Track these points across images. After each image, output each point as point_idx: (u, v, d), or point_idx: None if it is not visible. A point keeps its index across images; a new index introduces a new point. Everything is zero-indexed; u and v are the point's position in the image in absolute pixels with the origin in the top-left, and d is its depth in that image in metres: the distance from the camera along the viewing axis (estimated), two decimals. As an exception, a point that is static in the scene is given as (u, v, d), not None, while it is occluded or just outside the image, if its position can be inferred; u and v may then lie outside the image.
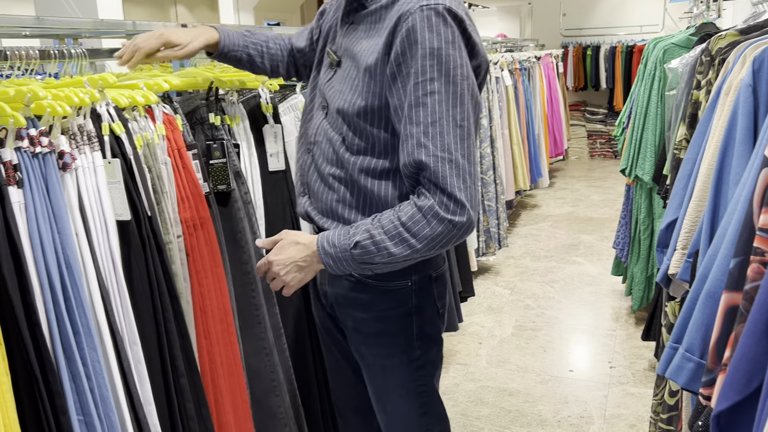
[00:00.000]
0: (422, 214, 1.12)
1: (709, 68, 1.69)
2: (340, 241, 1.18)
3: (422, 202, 1.12)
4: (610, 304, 3.58)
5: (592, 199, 6.01)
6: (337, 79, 1.28)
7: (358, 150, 1.23)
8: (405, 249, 1.13)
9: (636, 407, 2.56)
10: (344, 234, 1.19)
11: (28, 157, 1.09)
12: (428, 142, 1.10)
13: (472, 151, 1.14)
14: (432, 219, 1.11)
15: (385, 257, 1.15)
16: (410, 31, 1.10)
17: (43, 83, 1.35)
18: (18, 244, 1.04)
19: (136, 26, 2.10)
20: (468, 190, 1.12)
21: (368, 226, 1.17)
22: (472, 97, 1.13)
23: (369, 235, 1.15)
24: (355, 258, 1.17)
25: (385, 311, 1.32)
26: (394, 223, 1.14)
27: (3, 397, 0.99)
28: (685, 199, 1.32)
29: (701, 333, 0.93)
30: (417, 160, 1.11)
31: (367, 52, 1.20)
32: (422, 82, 1.10)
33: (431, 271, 1.33)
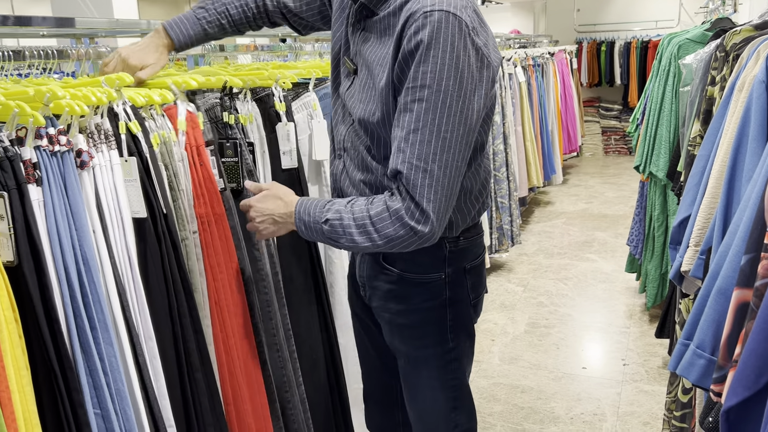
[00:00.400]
0: (389, 214, 1.15)
1: (724, 64, 1.68)
2: (314, 213, 1.24)
3: (392, 203, 1.15)
4: (623, 302, 3.57)
5: (607, 195, 5.98)
6: (356, 88, 1.28)
7: (383, 157, 1.25)
8: (366, 241, 1.18)
9: (649, 405, 2.55)
10: (320, 207, 1.24)
11: (47, 155, 1.11)
12: (407, 148, 1.11)
13: (455, 163, 1.13)
14: (396, 221, 1.14)
15: (348, 242, 1.20)
16: (411, 36, 1.10)
17: (61, 83, 1.37)
18: (38, 242, 1.06)
19: (151, 25, 2.13)
20: (438, 201, 1.12)
21: (341, 208, 1.21)
22: (463, 107, 1.10)
23: (339, 216, 1.20)
24: (324, 232, 1.22)
25: (419, 303, 1.34)
26: (363, 214, 1.18)
27: (23, 390, 1.01)
28: (698, 196, 1.32)
29: (712, 329, 0.93)
30: (393, 166, 1.14)
31: (379, 60, 1.21)
32: (413, 88, 1.10)
33: (466, 263, 1.34)
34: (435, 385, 1.39)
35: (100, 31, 1.88)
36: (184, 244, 1.44)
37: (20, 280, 1.04)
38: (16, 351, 1.00)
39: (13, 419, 0.97)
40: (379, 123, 1.21)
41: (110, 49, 1.65)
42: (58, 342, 1.08)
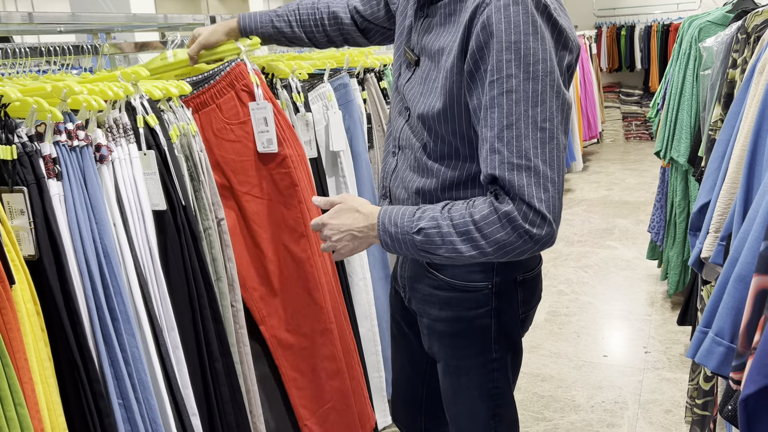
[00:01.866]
0: (497, 217, 1.02)
1: (745, 46, 1.65)
2: (403, 222, 1.11)
3: (500, 205, 1.02)
4: (645, 289, 3.54)
5: (628, 182, 5.91)
6: (416, 80, 1.19)
7: (440, 156, 1.15)
8: (472, 249, 1.05)
9: (672, 392, 2.53)
10: (409, 215, 1.11)
11: (66, 150, 1.13)
12: (503, 147, 1.00)
13: (557, 155, 1.01)
14: (507, 225, 1.01)
15: (449, 251, 1.07)
16: (486, 23, 0.99)
17: (78, 78, 1.39)
18: (57, 235, 1.08)
19: (168, 20, 2.14)
20: (550, 200, 1.00)
21: (436, 215, 1.08)
22: (557, 94, 1.00)
23: (436, 224, 1.07)
24: (416, 243, 1.09)
25: (463, 311, 1.24)
26: (465, 219, 1.05)
27: (47, 381, 1.03)
28: (718, 182, 1.30)
29: (731, 317, 0.92)
30: (489, 171, 1.02)
31: (444, 49, 1.11)
32: (498, 80, 0.99)
33: (518, 274, 1.23)
34: (474, 394, 1.31)
35: (116, 26, 1.89)
36: (207, 234, 1.46)
37: (41, 273, 1.07)
38: (38, 344, 1.02)
39: (37, 410, 1.00)
40: (439, 116, 1.10)
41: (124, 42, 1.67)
42: (79, 334, 1.10)
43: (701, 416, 1.71)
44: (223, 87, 1.57)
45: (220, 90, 1.58)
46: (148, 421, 1.23)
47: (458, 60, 1.06)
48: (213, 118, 1.60)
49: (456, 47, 1.06)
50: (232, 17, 1.67)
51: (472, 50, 1.02)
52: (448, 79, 1.08)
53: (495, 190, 1.04)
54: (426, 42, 1.17)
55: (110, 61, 1.76)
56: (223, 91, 1.58)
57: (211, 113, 1.59)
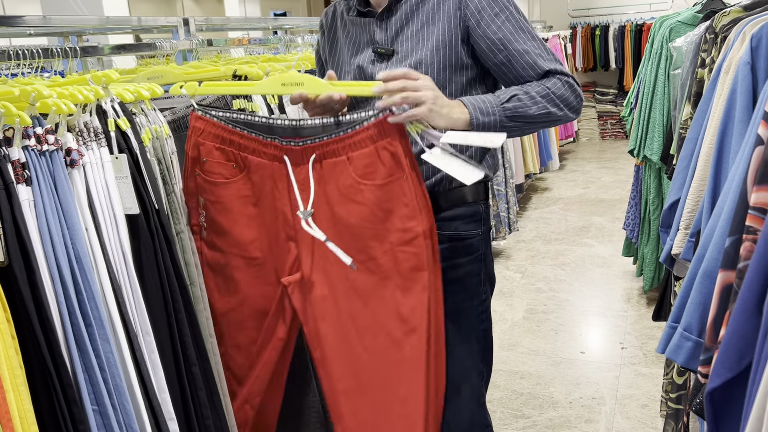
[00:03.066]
0: (561, 81, 1.37)
1: (713, 46, 1.68)
2: (489, 99, 1.33)
3: (559, 78, 1.37)
4: (621, 285, 3.58)
5: (603, 180, 5.98)
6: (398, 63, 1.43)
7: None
8: (554, 108, 1.35)
9: (648, 387, 2.57)
10: (491, 95, 1.35)
11: (35, 155, 1.12)
12: (542, 52, 1.39)
13: None
14: (572, 89, 1.37)
15: (541, 110, 1.34)
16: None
17: (48, 82, 1.37)
18: (27, 241, 1.07)
19: (142, 22, 2.12)
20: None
21: (517, 91, 1.35)
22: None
23: (523, 92, 1.34)
24: (506, 111, 1.32)
25: (460, 259, 1.49)
26: (544, 89, 1.35)
27: (18, 390, 1.02)
28: (687, 179, 1.33)
29: (699, 312, 0.94)
30: (543, 69, 1.37)
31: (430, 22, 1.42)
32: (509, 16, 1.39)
33: (488, 224, 1.56)
34: (471, 336, 1.54)
35: (89, 29, 1.88)
36: (179, 238, 1.44)
37: (11, 280, 1.05)
38: (9, 351, 1.01)
39: (9, 419, 0.98)
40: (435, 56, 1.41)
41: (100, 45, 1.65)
42: (52, 340, 1.09)
43: (675, 410, 1.74)
44: (362, 139, 1.32)
45: (357, 142, 1.33)
46: (125, 427, 1.22)
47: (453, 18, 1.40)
48: (340, 172, 1.35)
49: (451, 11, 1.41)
50: (207, 19, 1.66)
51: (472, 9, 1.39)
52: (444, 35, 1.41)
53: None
54: (398, 33, 1.45)
55: (82, 65, 1.74)
56: (360, 144, 1.33)
57: (338, 166, 1.35)
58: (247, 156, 1.39)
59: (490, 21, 1.38)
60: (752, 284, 0.67)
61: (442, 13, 1.43)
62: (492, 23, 1.38)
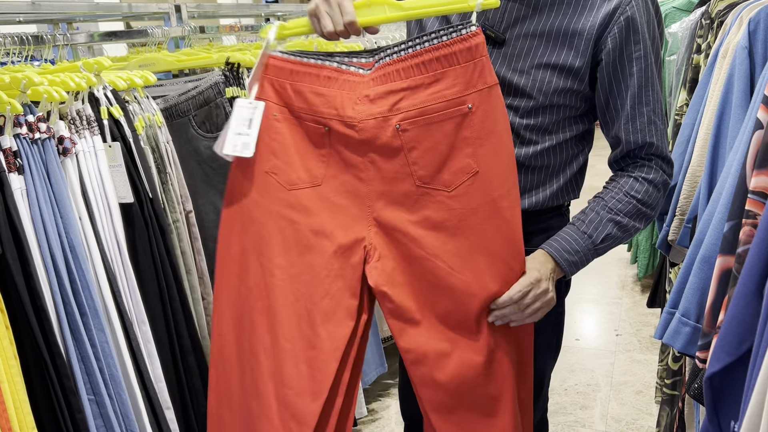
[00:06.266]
0: (655, 188, 1.18)
1: (709, 31, 1.67)
2: (582, 246, 1.20)
3: (650, 175, 1.19)
4: (615, 273, 3.59)
5: (597, 168, 5.95)
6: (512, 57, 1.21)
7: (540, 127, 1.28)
8: (645, 221, 1.21)
9: (642, 374, 2.58)
10: (580, 237, 1.20)
11: (27, 143, 1.10)
12: (657, 119, 1.19)
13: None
14: (662, 189, 1.20)
15: (631, 235, 1.22)
16: (630, 20, 1.15)
17: (39, 69, 1.35)
18: (20, 230, 1.06)
19: (132, 9, 2.10)
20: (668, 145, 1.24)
21: (603, 216, 1.21)
22: (657, 69, 1.23)
23: (614, 223, 1.20)
24: (599, 251, 1.22)
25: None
26: (631, 204, 1.19)
27: (13, 380, 1.01)
28: (683, 165, 1.32)
29: (697, 297, 0.94)
30: (647, 139, 1.19)
31: (563, 32, 1.19)
32: (645, 68, 1.17)
33: None
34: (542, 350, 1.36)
35: (78, 16, 1.85)
36: (176, 226, 1.43)
37: (5, 269, 1.04)
38: (3, 341, 1.00)
39: (4, 409, 0.98)
40: (567, 94, 1.23)
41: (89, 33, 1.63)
42: (47, 330, 1.08)
43: (670, 396, 1.74)
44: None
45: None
46: (121, 416, 1.21)
47: (592, 46, 1.17)
48: None
49: (592, 33, 1.16)
50: (198, 6, 1.64)
51: (614, 41, 1.15)
52: (581, 61, 1.18)
53: (633, 161, 1.22)
54: (516, 22, 1.21)
55: (72, 52, 1.72)
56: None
57: None
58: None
59: (625, 62, 1.17)
60: (752, 268, 0.67)
61: (581, 25, 1.18)
62: (621, 65, 1.18)
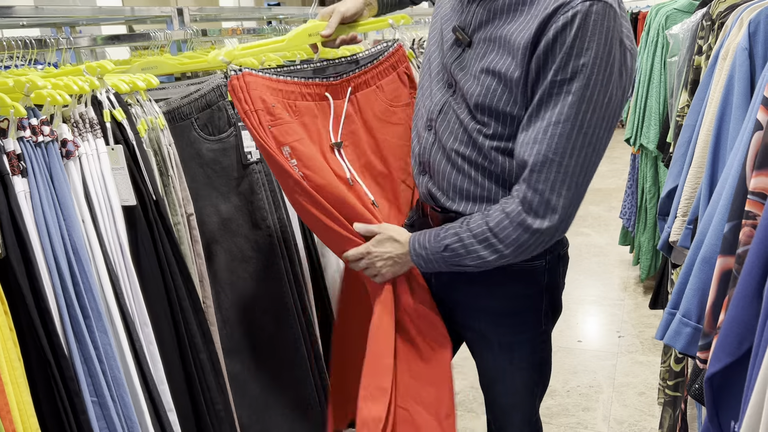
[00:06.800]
0: (510, 221, 1.11)
1: (710, 33, 1.68)
2: (431, 244, 1.22)
3: (509, 207, 1.11)
4: (618, 274, 3.59)
5: (600, 169, 5.90)
6: (469, 60, 1.19)
7: (493, 135, 1.16)
8: (493, 254, 1.15)
9: (645, 375, 2.58)
10: (434, 237, 1.22)
11: (30, 146, 1.11)
12: (544, 140, 1.05)
13: (592, 160, 1.08)
14: (519, 226, 1.10)
15: (474, 260, 1.17)
16: (566, 24, 1.01)
17: (42, 73, 1.36)
18: (24, 233, 1.06)
19: (135, 12, 2.11)
20: (569, 198, 1.08)
21: (457, 230, 1.18)
22: (611, 103, 1.05)
23: (458, 238, 1.17)
24: (445, 260, 1.21)
25: (517, 290, 1.31)
26: (483, 228, 1.15)
27: (16, 382, 1.02)
28: (684, 166, 1.33)
29: (697, 298, 0.94)
30: (524, 158, 1.08)
31: (509, 38, 1.10)
32: (560, 81, 1.03)
33: (560, 250, 1.32)
34: (524, 365, 1.38)
35: (81, 20, 1.86)
36: (177, 229, 1.44)
37: (8, 271, 1.05)
38: (7, 343, 1.01)
39: (8, 411, 0.98)
40: (506, 103, 1.12)
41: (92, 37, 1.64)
42: (51, 332, 1.09)
43: (673, 397, 1.74)
44: (386, 68, 1.50)
45: (382, 71, 1.50)
46: (123, 419, 1.22)
47: (529, 52, 1.06)
48: (374, 99, 1.50)
49: (528, 38, 1.06)
50: (200, 9, 1.65)
51: (544, 48, 1.04)
52: (515, 73, 1.09)
53: (516, 189, 1.11)
54: (481, 25, 1.17)
55: (75, 56, 1.73)
56: (385, 73, 1.51)
57: (371, 94, 1.50)
58: (295, 102, 1.45)
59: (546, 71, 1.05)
60: (752, 269, 0.67)
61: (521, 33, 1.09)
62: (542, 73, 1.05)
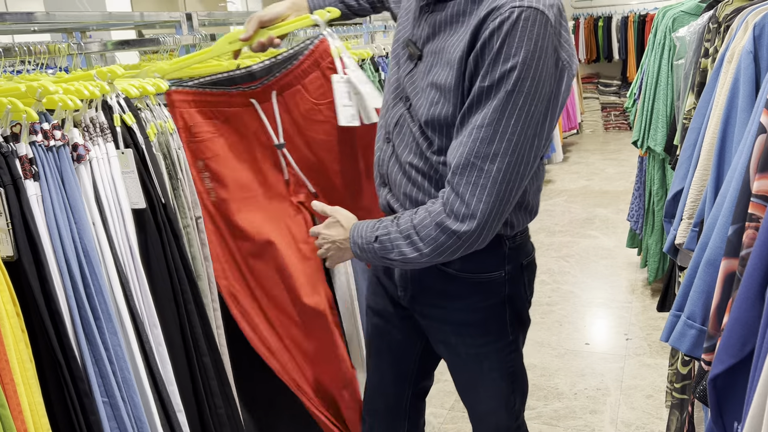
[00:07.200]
0: (431, 219, 1.10)
1: (716, 36, 1.68)
2: (366, 234, 1.20)
3: (433, 207, 1.10)
4: (625, 277, 3.58)
5: (607, 172, 5.97)
6: (419, 74, 1.20)
7: (439, 149, 1.17)
8: (414, 251, 1.12)
9: (652, 378, 2.58)
10: (370, 228, 1.20)
11: (42, 150, 1.13)
12: (468, 143, 1.05)
13: (516, 168, 1.05)
14: (437, 227, 1.09)
15: (398, 256, 1.15)
16: (494, 31, 1.02)
17: (53, 78, 1.38)
18: (36, 236, 1.08)
19: (144, 17, 2.13)
20: (488, 204, 1.05)
21: (388, 223, 1.17)
22: (539, 112, 1.04)
23: (387, 232, 1.16)
24: (376, 252, 1.18)
25: (477, 302, 1.29)
26: (408, 225, 1.13)
27: (28, 382, 1.03)
28: (690, 169, 1.33)
29: (702, 300, 0.95)
30: (449, 160, 1.09)
31: (449, 50, 1.11)
32: (488, 87, 1.03)
33: (522, 259, 1.30)
34: (495, 375, 1.37)
35: (92, 25, 1.88)
36: (186, 232, 1.45)
37: (20, 274, 1.06)
38: (19, 345, 1.02)
39: (20, 411, 1.00)
40: (446, 116, 1.12)
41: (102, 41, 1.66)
42: (61, 333, 1.10)
43: (680, 400, 1.74)
44: (308, 66, 1.51)
45: (305, 70, 1.52)
46: (133, 419, 1.23)
47: (463, 63, 1.07)
48: (299, 99, 1.55)
49: (462, 51, 1.07)
50: (209, 14, 1.67)
51: (476, 54, 1.05)
52: (454, 83, 1.09)
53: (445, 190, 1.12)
54: (431, 38, 1.17)
55: (86, 60, 1.75)
56: (308, 71, 1.52)
57: (296, 95, 1.54)
58: (222, 109, 1.53)
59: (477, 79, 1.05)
60: (754, 271, 0.67)
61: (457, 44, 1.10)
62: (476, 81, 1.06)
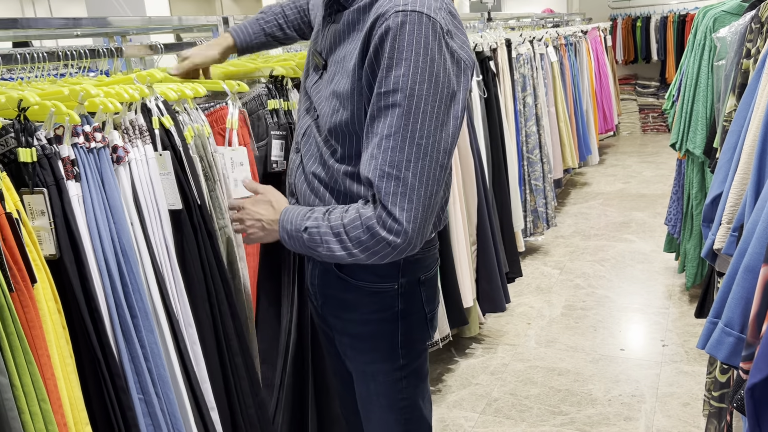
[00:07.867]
0: (361, 222, 1.08)
1: (758, 36, 1.64)
2: (296, 221, 1.17)
3: (364, 210, 1.09)
4: (662, 282, 3.51)
5: (644, 175, 5.86)
6: (323, 84, 1.22)
7: (342, 157, 1.18)
8: (342, 250, 1.11)
9: (689, 385, 2.52)
10: (302, 215, 1.17)
11: (84, 152, 1.16)
12: (378, 154, 1.05)
13: (431, 171, 1.06)
14: (368, 231, 1.07)
15: (326, 251, 1.13)
16: (382, 37, 1.03)
17: (95, 81, 1.42)
18: (77, 235, 1.11)
19: (182, 21, 2.17)
20: (413, 211, 1.05)
21: (319, 216, 1.14)
22: (441, 112, 1.05)
23: (317, 224, 1.13)
24: (304, 242, 1.15)
25: (370, 314, 1.26)
26: (338, 222, 1.11)
27: (68, 377, 1.06)
28: (730, 173, 1.30)
29: (741, 307, 0.92)
30: (365, 174, 1.08)
31: (346, 58, 1.14)
32: (384, 93, 1.03)
33: (420, 274, 1.27)
34: (383, 403, 1.32)
35: (132, 29, 1.92)
36: (223, 232, 1.48)
37: (62, 272, 1.10)
38: (60, 341, 1.05)
39: (60, 405, 1.03)
40: (346, 123, 1.13)
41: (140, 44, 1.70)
42: (100, 331, 1.13)
43: (718, 408, 1.70)
44: (210, 122, 1.56)
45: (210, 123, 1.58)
46: (168, 415, 1.26)
47: (358, 70, 1.09)
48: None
49: (356, 59, 1.09)
50: (245, 18, 1.69)
51: (370, 61, 1.05)
52: (350, 90, 1.11)
53: (368, 196, 1.10)
54: (332, 48, 1.20)
55: (126, 64, 1.79)
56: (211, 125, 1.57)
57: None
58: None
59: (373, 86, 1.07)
60: (795, 278, 0.66)
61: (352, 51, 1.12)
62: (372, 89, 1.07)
